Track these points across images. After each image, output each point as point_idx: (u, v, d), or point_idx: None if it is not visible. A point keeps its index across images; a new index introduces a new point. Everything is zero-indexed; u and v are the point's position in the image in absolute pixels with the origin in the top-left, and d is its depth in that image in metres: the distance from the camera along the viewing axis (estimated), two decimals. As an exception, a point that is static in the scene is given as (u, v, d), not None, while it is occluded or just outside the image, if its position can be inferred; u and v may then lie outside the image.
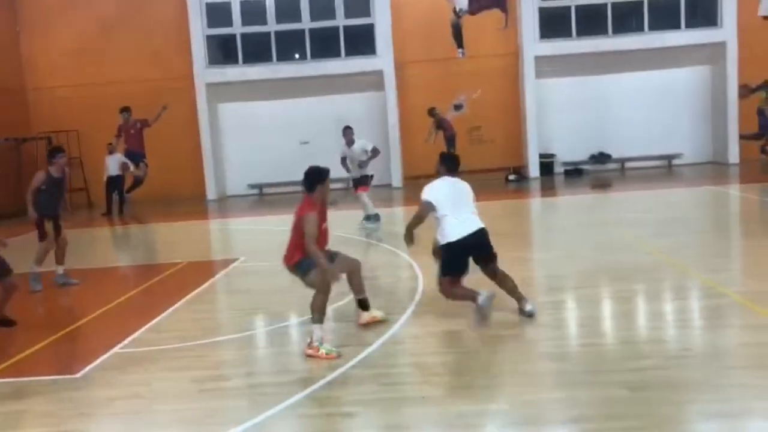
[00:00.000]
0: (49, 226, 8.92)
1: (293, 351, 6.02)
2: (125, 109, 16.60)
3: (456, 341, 5.74)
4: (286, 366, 5.55)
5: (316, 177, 6.01)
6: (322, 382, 4.93)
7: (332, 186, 6.44)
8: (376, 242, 10.63)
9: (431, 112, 17.70)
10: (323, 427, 4.24)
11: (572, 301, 6.93)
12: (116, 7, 19.63)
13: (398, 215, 15.23)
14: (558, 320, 6.32)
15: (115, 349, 5.96)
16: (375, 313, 6.34)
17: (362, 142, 12.57)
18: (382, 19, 19.04)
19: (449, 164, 6.61)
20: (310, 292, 5.79)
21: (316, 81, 19.23)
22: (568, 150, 19.75)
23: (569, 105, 19.61)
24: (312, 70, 19.17)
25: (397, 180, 19.30)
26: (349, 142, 12.50)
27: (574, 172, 19.55)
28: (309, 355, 5.49)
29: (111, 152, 17.37)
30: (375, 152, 12.56)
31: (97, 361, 5.68)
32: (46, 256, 8.92)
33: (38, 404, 4.95)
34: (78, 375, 5.40)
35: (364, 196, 12.46)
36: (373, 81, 19.30)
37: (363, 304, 6.32)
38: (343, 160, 12.60)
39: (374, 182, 19.97)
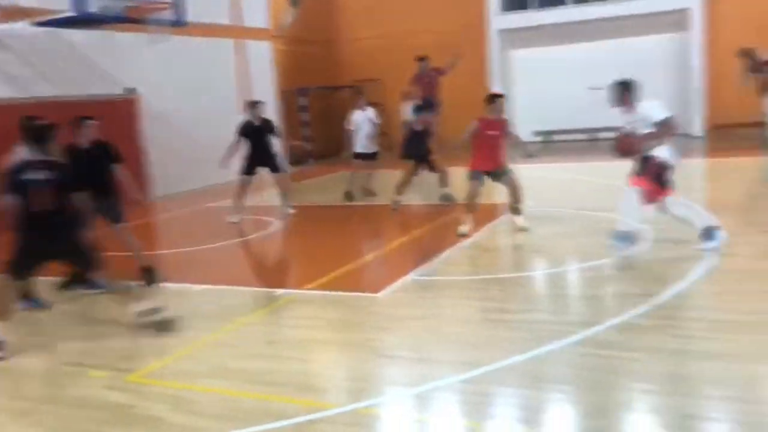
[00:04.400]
0: None
1: (575, 294, 6.08)
2: (422, 58, 17.51)
3: (756, 302, 5.28)
4: (567, 308, 5.65)
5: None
6: (605, 325, 4.93)
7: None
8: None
9: (745, 52, 15.80)
10: (604, 368, 4.27)
11: None
12: (417, -41, 20.60)
13: (698, 167, 14.06)
14: None
15: (411, 276, 6.58)
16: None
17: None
18: (695, -49, 17.32)
19: None
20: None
21: (612, 23, 18.27)
22: None
23: None
24: (607, 12, 18.23)
25: (697, 128, 17.73)
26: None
27: None
28: None
29: (407, 99, 18.53)
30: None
31: (395, 284, 6.33)
32: None
33: (348, 314, 5.74)
34: (379, 294, 6.10)
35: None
36: (676, 20, 17.76)
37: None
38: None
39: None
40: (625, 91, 6.65)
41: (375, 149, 12.36)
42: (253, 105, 10.74)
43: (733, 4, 17.43)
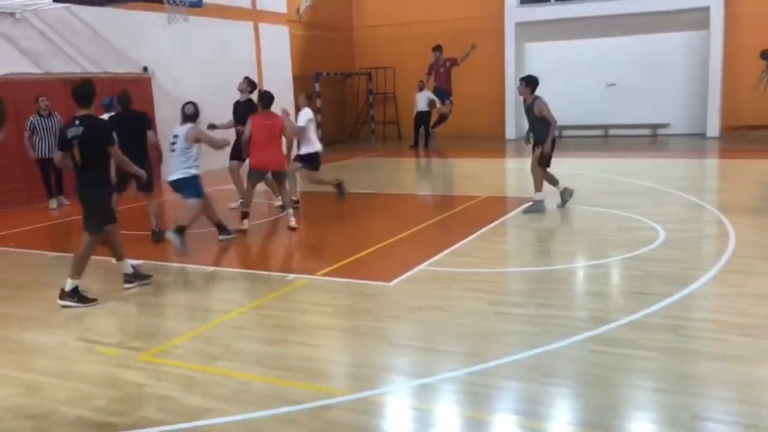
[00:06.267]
0: None
1: (586, 290, 6.09)
2: (437, 48, 17.49)
3: (764, 305, 5.28)
4: (578, 303, 5.67)
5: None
6: (616, 323, 4.94)
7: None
8: (686, 194, 9.98)
9: (764, 54, 15.70)
10: (613, 365, 4.28)
11: None
12: (439, -52, 20.42)
13: (712, 168, 14.03)
14: None
15: (422, 266, 6.60)
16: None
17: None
18: (715, -50, 17.18)
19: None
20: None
21: (631, 19, 18.16)
22: None
23: None
24: (627, 8, 18.11)
25: (713, 129, 17.63)
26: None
27: None
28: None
29: (421, 89, 18.49)
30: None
31: (407, 274, 6.36)
32: None
33: (361, 302, 5.76)
34: (391, 283, 6.13)
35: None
36: (696, 18, 17.62)
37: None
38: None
39: (686, 131, 18.54)
40: None
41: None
42: (250, 82, 9.98)
43: (752, 3, 17.27)
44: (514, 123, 19.77)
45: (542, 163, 9.20)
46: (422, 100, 18.41)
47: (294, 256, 8.18)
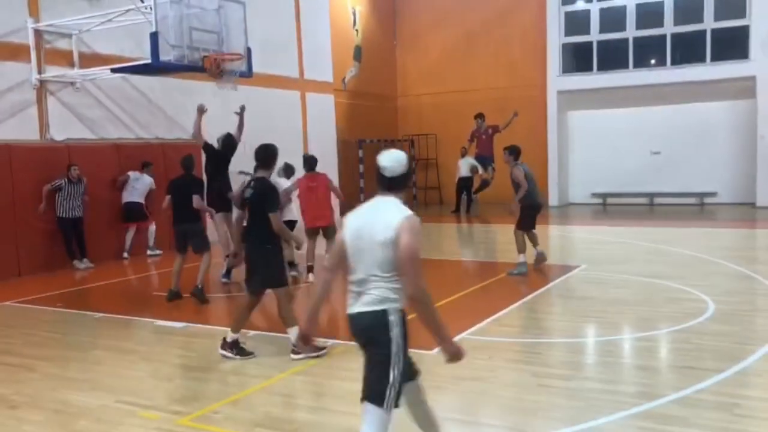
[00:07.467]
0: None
1: (632, 363, 5.90)
2: (479, 116, 17.71)
3: (829, 384, 5.04)
4: (625, 377, 5.48)
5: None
6: (665, 399, 4.76)
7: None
8: (735, 265, 9.71)
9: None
10: (664, 445, 4.12)
11: None
12: (481, 19, 20.90)
13: (763, 237, 13.67)
14: None
15: (463, 335, 6.50)
16: None
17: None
18: (759, 19, 17.18)
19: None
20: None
21: (675, 88, 18.15)
22: None
23: None
24: (671, 77, 18.15)
25: (763, 198, 17.25)
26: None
27: None
28: None
29: (463, 155, 18.65)
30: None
31: (448, 343, 6.25)
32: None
33: (399, 371, 5.68)
34: (432, 352, 6.02)
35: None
36: (742, 87, 17.52)
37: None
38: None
39: (734, 200, 18.18)
40: None
41: None
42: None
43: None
44: (557, 190, 19.70)
45: (520, 226, 9.82)
46: (465, 166, 18.53)
47: (335, 321, 8.14)
